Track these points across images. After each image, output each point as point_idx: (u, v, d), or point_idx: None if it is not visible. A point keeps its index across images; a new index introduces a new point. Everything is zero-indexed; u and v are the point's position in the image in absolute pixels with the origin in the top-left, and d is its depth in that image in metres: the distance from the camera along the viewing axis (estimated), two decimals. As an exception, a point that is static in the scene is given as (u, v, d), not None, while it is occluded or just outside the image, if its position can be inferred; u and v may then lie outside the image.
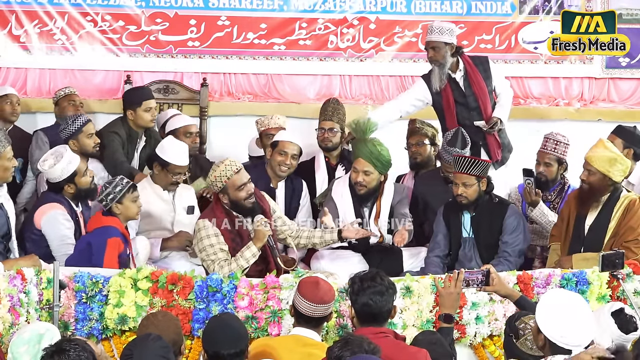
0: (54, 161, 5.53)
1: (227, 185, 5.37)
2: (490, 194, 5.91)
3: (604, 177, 5.61)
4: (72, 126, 6.15)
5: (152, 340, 3.60)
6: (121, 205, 5.41)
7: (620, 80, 8.19)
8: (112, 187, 5.41)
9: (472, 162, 5.74)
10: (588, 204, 5.71)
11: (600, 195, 5.68)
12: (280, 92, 7.91)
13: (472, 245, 5.87)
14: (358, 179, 5.94)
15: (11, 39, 7.59)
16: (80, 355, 3.44)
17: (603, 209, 5.69)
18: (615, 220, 5.65)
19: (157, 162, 6.01)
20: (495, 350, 5.14)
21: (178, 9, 7.76)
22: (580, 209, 5.75)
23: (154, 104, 6.73)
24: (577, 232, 5.75)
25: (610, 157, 5.62)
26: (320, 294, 4.33)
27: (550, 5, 8.01)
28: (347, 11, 7.90)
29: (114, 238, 5.26)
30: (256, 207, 5.44)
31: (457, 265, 5.70)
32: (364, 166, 5.93)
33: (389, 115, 6.67)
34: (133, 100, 6.66)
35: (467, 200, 5.80)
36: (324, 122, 6.73)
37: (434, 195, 6.27)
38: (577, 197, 5.78)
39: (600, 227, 5.67)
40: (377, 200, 6.03)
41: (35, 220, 5.53)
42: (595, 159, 5.63)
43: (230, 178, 5.35)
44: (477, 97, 6.54)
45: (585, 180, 5.67)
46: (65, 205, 5.54)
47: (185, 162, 6.06)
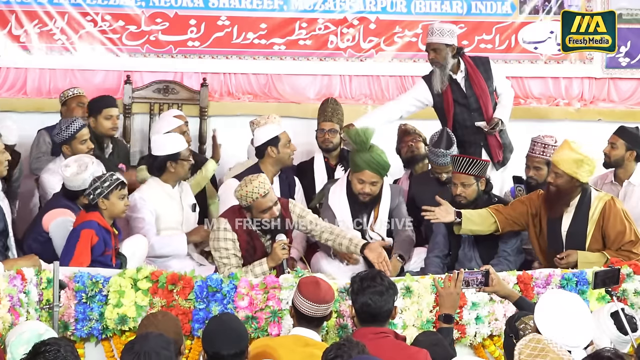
0: (77, 170, 5.49)
1: (252, 206, 5.34)
2: (489, 193, 5.91)
3: (571, 179, 5.52)
4: (66, 132, 6.10)
5: (154, 335, 3.61)
6: (107, 201, 5.34)
7: (620, 80, 8.19)
8: (101, 182, 5.35)
9: (470, 161, 5.73)
10: (557, 206, 5.62)
11: (570, 197, 5.59)
12: (280, 92, 7.91)
13: (472, 245, 5.86)
14: (365, 190, 5.89)
15: (11, 39, 7.59)
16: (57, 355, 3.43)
17: (577, 212, 5.61)
18: (593, 224, 5.57)
19: (169, 160, 5.96)
20: (495, 350, 5.14)
21: (178, 9, 7.76)
22: (550, 213, 5.66)
23: (115, 112, 6.67)
24: (554, 237, 5.66)
25: (577, 158, 5.50)
26: (320, 294, 4.33)
27: (550, 5, 8.01)
28: (347, 11, 7.90)
29: (87, 230, 5.20)
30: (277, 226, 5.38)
31: (457, 266, 5.70)
32: (371, 178, 5.87)
33: (389, 115, 6.67)
34: (94, 107, 6.63)
35: (466, 200, 5.79)
36: (324, 123, 6.72)
37: (429, 196, 6.27)
38: (546, 200, 5.68)
39: (579, 233, 5.60)
40: (376, 207, 6.01)
41: (44, 222, 5.52)
42: (562, 161, 5.53)
43: (256, 200, 5.29)
44: (478, 97, 6.54)
45: (553, 183, 5.57)
46: (75, 212, 5.51)
47: (186, 143, 6.08)
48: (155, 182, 6.00)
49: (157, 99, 7.59)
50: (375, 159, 5.84)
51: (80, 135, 6.14)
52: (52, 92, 7.50)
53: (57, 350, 3.43)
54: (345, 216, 5.96)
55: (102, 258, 5.22)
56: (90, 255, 5.17)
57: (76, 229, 5.27)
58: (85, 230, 5.21)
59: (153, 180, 6.02)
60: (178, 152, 5.97)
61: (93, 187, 5.34)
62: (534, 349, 3.38)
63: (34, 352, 3.46)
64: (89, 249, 5.19)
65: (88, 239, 5.20)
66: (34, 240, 5.55)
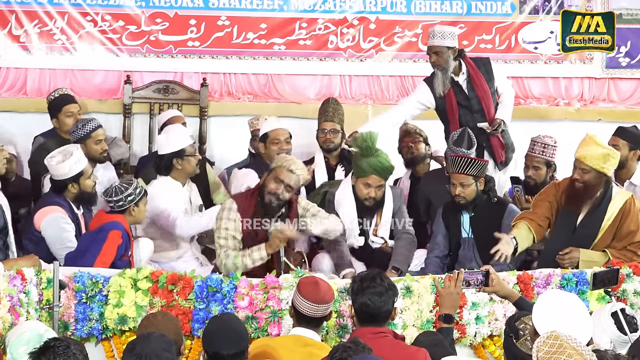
0: (62, 158, 5.50)
1: (275, 170, 5.38)
2: (489, 193, 5.91)
3: (598, 174, 5.51)
4: (82, 130, 6.15)
5: (156, 336, 3.61)
6: (137, 208, 5.44)
7: (620, 80, 8.18)
8: (133, 188, 5.43)
9: (468, 162, 5.73)
10: (582, 202, 5.60)
11: (596, 192, 5.58)
12: (280, 92, 7.91)
13: (472, 245, 5.86)
14: (371, 195, 5.89)
15: (11, 39, 7.59)
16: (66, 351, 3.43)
17: (595, 206, 5.59)
18: (611, 220, 5.56)
19: (174, 157, 5.99)
20: (495, 350, 5.14)
21: (178, 9, 7.76)
22: (572, 207, 5.63)
23: (75, 108, 6.67)
24: (568, 225, 5.64)
25: (603, 152, 5.50)
26: (320, 294, 4.33)
27: (550, 5, 8.01)
28: (347, 11, 7.90)
29: (115, 231, 5.26)
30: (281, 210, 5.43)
31: (457, 266, 5.69)
32: (377, 182, 5.87)
33: (393, 119, 6.68)
34: (53, 107, 6.62)
35: (465, 200, 5.79)
36: (325, 124, 6.71)
37: (439, 194, 6.26)
38: (571, 196, 5.63)
39: (593, 225, 5.58)
40: (379, 211, 6.01)
41: (36, 221, 5.50)
42: (588, 157, 5.50)
43: (282, 167, 5.36)
44: (480, 99, 6.53)
45: (580, 180, 5.54)
46: (66, 208, 5.51)
47: (190, 139, 6.11)
48: (164, 180, 6.03)
49: (157, 99, 7.58)
50: (381, 163, 5.86)
51: (95, 135, 6.18)
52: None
53: (67, 346, 3.43)
54: (352, 221, 5.95)
55: (120, 262, 5.23)
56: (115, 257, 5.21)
57: (104, 228, 5.28)
58: (114, 231, 5.25)
59: (163, 178, 6.04)
60: (183, 149, 6.00)
61: (126, 194, 5.39)
62: (552, 345, 3.36)
63: (44, 347, 3.45)
64: (115, 250, 5.23)
65: (116, 239, 5.25)
66: (29, 241, 5.53)
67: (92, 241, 5.25)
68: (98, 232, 5.29)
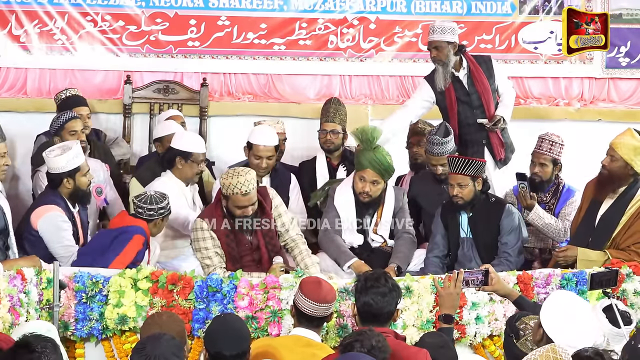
0: (60, 152, 5.48)
1: (230, 198, 5.40)
2: (487, 193, 5.91)
3: (625, 166, 5.52)
4: (56, 122, 6.16)
5: (167, 338, 3.58)
6: (161, 223, 5.52)
7: (620, 80, 8.17)
8: (166, 203, 5.50)
9: (466, 162, 5.73)
10: (606, 190, 5.60)
11: (619, 184, 5.58)
12: (281, 92, 7.90)
13: (471, 245, 5.86)
14: (365, 189, 5.90)
15: (11, 39, 7.59)
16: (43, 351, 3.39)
17: (618, 200, 5.59)
18: (628, 215, 5.55)
19: (179, 156, 5.99)
20: (495, 350, 5.14)
21: (178, 9, 7.75)
22: (597, 195, 5.64)
23: (85, 111, 6.63)
24: (590, 218, 5.66)
25: (636, 146, 5.52)
26: (322, 293, 4.35)
27: (550, 5, 8.01)
28: (347, 11, 7.90)
29: (139, 236, 5.30)
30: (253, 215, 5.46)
31: (456, 266, 5.70)
32: (372, 176, 5.88)
33: (400, 122, 6.66)
34: (63, 108, 6.53)
35: (463, 200, 5.79)
36: (326, 124, 6.70)
37: (427, 196, 6.28)
38: (596, 182, 5.67)
39: (613, 219, 5.58)
40: (379, 209, 6.01)
41: (32, 221, 5.45)
42: (621, 145, 5.52)
43: (235, 195, 5.36)
44: (480, 95, 6.54)
45: (606, 166, 5.57)
46: (62, 206, 5.47)
47: (204, 148, 6.12)
48: (169, 177, 6.03)
49: (157, 99, 7.59)
50: (378, 159, 5.85)
51: (69, 127, 6.15)
52: (52, 92, 7.47)
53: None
54: (350, 217, 5.96)
55: (132, 267, 5.20)
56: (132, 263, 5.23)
57: (129, 230, 5.31)
58: (138, 236, 5.29)
59: (167, 176, 6.04)
60: (190, 152, 5.99)
61: (160, 206, 5.45)
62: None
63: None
64: (134, 254, 5.27)
65: (138, 244, 5.30)
66: (27, 241, 5.48)
67: (114, 240, 5.27)
68: (121, 233, 5.31)
